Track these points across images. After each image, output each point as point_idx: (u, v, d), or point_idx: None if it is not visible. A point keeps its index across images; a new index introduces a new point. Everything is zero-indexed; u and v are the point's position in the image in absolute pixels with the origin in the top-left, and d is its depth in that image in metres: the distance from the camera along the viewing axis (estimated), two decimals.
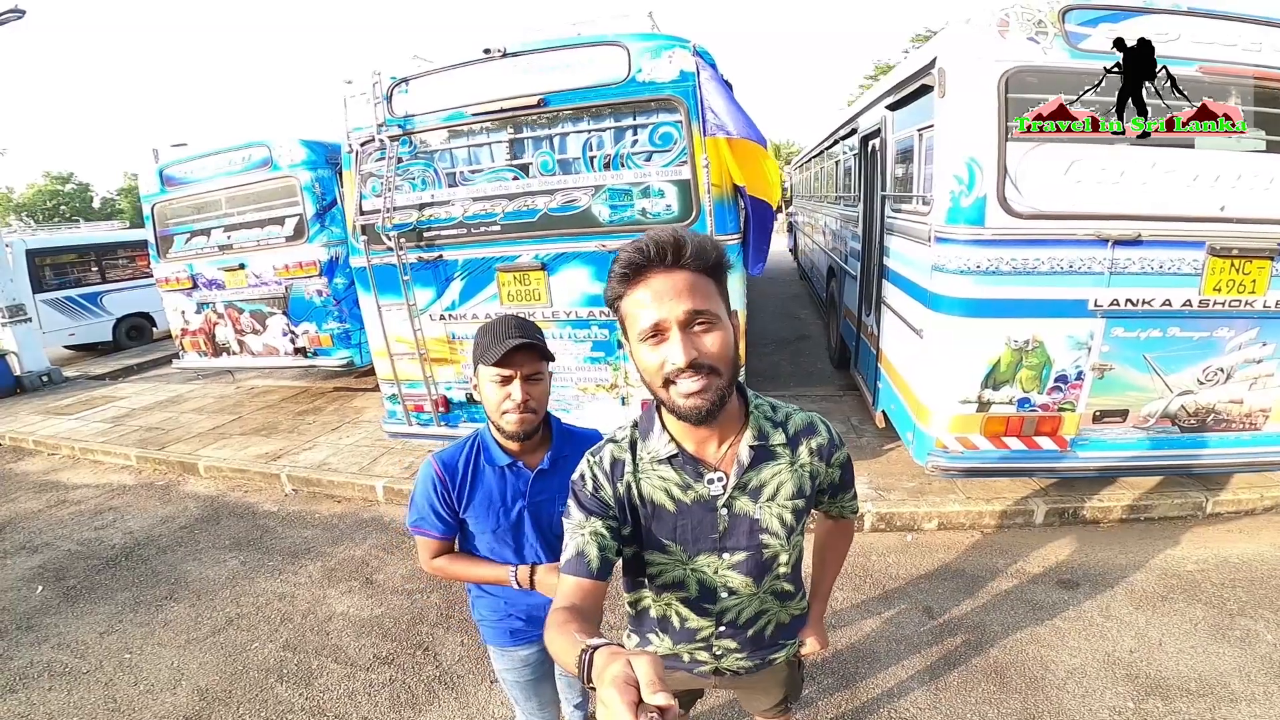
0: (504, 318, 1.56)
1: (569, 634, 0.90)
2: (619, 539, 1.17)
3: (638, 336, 1.01)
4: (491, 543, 1.68)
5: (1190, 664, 2.66)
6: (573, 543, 1.13)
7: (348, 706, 2.71)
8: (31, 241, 10.37)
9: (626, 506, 1.18)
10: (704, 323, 0.99)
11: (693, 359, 0.98)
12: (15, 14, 7.60)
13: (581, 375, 4.11)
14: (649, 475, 1.17)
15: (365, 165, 4.10)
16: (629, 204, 3.68)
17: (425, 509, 1.62)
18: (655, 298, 0.98)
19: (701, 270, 1.00)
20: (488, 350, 1.49)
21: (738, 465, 1.15)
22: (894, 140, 4.21)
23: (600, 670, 0.71)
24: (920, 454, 3.60)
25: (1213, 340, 3.21)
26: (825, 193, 8.45)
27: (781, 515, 1.19)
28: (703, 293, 1.00)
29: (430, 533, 1.64)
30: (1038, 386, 3.27)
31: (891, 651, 2.85)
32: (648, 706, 0.63)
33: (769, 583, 1.27)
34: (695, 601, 1.26)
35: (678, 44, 3.42)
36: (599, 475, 1.19)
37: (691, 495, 1.16)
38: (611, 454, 1.20)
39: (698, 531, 1.18)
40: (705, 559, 1.21)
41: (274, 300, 6.30)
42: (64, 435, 6.46)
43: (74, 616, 3.49)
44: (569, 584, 1.09)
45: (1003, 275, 3.06)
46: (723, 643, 1.32)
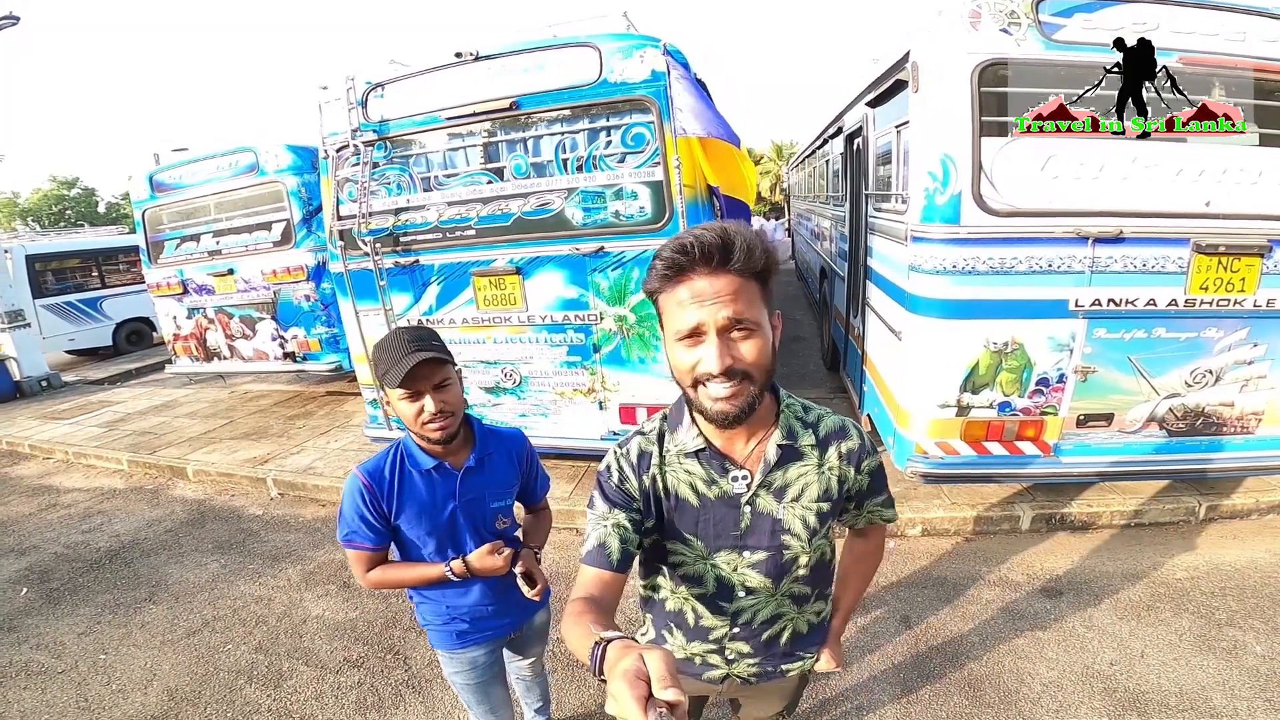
0: (395, 334, 1.55)
1: (584, 625, 0.90)
2: (641, 532, 1.17)
3: (674, 335, 0.99)
4: (430, 547, 1.69)
5: (1172, 677, 2.57)
6: (595, 534, 1.13)
7: (314, 708, 2.70)
8: (31, 247, 10.46)
9: (651, 499, 1.18)
10: (744, 330, 0.97)
11: (728, 366, 0.96)
12: (10, 20, 7.66)
13: (558, 380, 4.07)
14: (675, 468, 1.17)
15: (341, 170, 4.08)
16: (602, 206, 3.63)
17: (355, 521, 1.61)
18: (696, 299, 0.95)
19: (747, 275, 0.96)
20: (389, 372, 1.49)
21: (764, 464, 1.14)
22: (875, 138, 4.14)
23: (612, 663, 0.71)
24: (900, 459, 3.52)
25: (1200, 341, 3.10)
26: (817, 193, 8.37)
27: (805, 517, 1.18)
28: (746, 299, 0.96)
29: (363, 544, 1.63)
30: (1018, 390, 3.18)
31: (864, 663, 2.77)
32: (657, 701, 0.62)
33: (787, 585, 1.25)
34: (711, 599, 1.25)
35: (649, 43, 3.37)
36: (625, 467, 1.18)
37: (716, 491, 1.16)
38: (639, 446, 1.20)
39: (720, 527, 1.18)
40: (725, 556, 1.20)
41: (263, 305, 6.31)
42: (59, 440, 6.50)
43: (55, 618, 3.52)
44: (589, 575, 1.08)
45: (980, 275, 2.98)
46: (736, 645, 1.31)
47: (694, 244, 0.94)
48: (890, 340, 3.62)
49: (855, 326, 4.76)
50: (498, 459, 1.76)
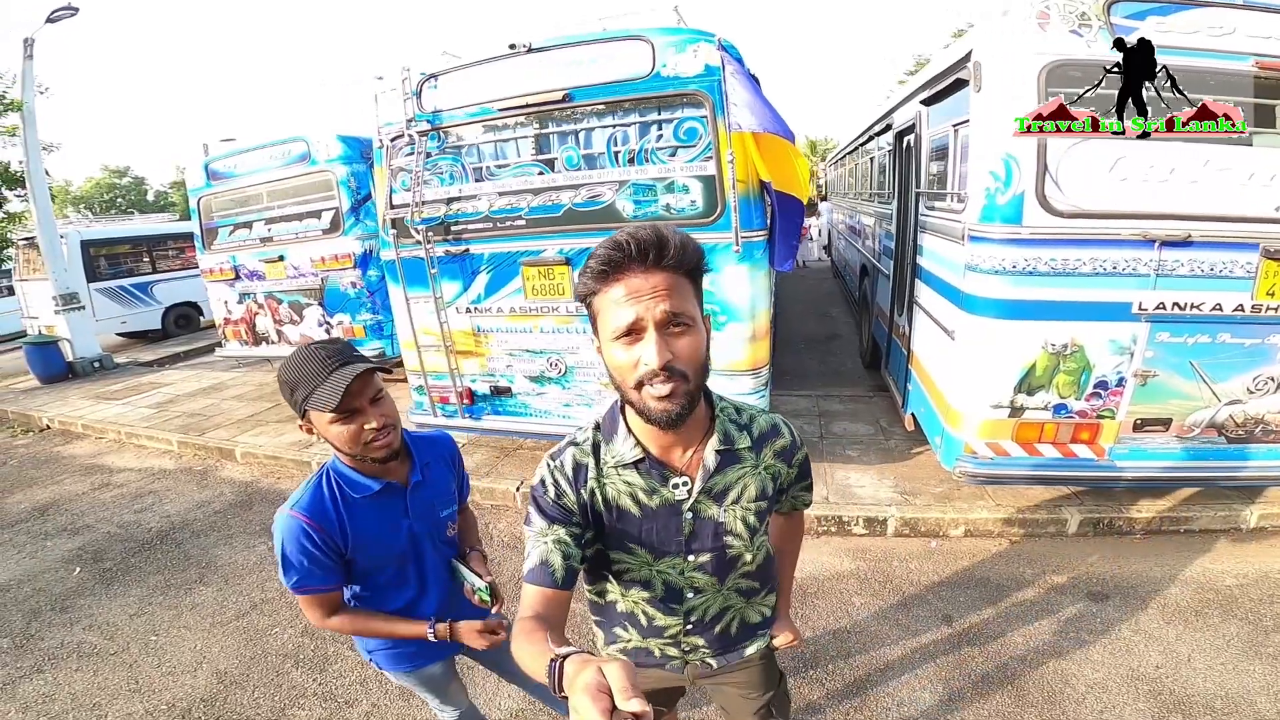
0: (305, 352, 1.39)
1: (537, 643, 0.89)
2: (582, 546, 1.15)
3: (611, 335, 0.98)
4: (389, 572, 1.60)
5: (1218, 681, 2.54)
6: (536, 551, 1.11)
7: (358, 693, 2.76)
8: (86, 233, 10.83)
9: (590, 512, 1.16)
10: (680, 326, 0.97)
11: (667, 361, 0.96)
12: (69, 11, 7.91)
13: (603, 371, 4.10)
14: (613, 480, 1.16)
15: (395, 160, 4.16)
16: (653, 199, 3.65)
17: (303, 565, 1.44)
18: (632, 296, 0.95)
19: (681, 271, 0.98)
20: (314, 394, 1.35)
21: (704, 470, 1.15)
22: (928, 136, 4.09)
23: (571, 678, 0.70)
24: (948, 459, 3.49)
25: (1265, 348, 3.02)
26: (859, 189, 8.28)
27: (745, 517, 1.20)
28: (681, 295, 0.97)
29: (317, 588, 1.47)
30: (1075, 392, 3.14)
31: (906, 659, 2.77)
32: (622, 714, 0.62)
33: (733, 580, 1.27)
34: (662, 601, 1.26)
35: (702, 38, 3.37)
36: (561, 481, 1.16)
37: (657, 500, 1.16)
38: (574, 458, 1.18)
39: (663, 535, 1.18)
40: (671, 560, 1.21)
41: (311, 291, 6.46)
42: (111, 420, 6.74)
43: (107, 598, 3.61)
44: (532, 593, 1.07)
45: (1040, 276, 2.94)
46: (690, 639, 1.33)
47: (629, 241, 0.94)
48: (941, 339, 3.59)
49: (899, 325, 4.72)
50: (436, 467, 1.68)
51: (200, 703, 2.76)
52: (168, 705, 2.76)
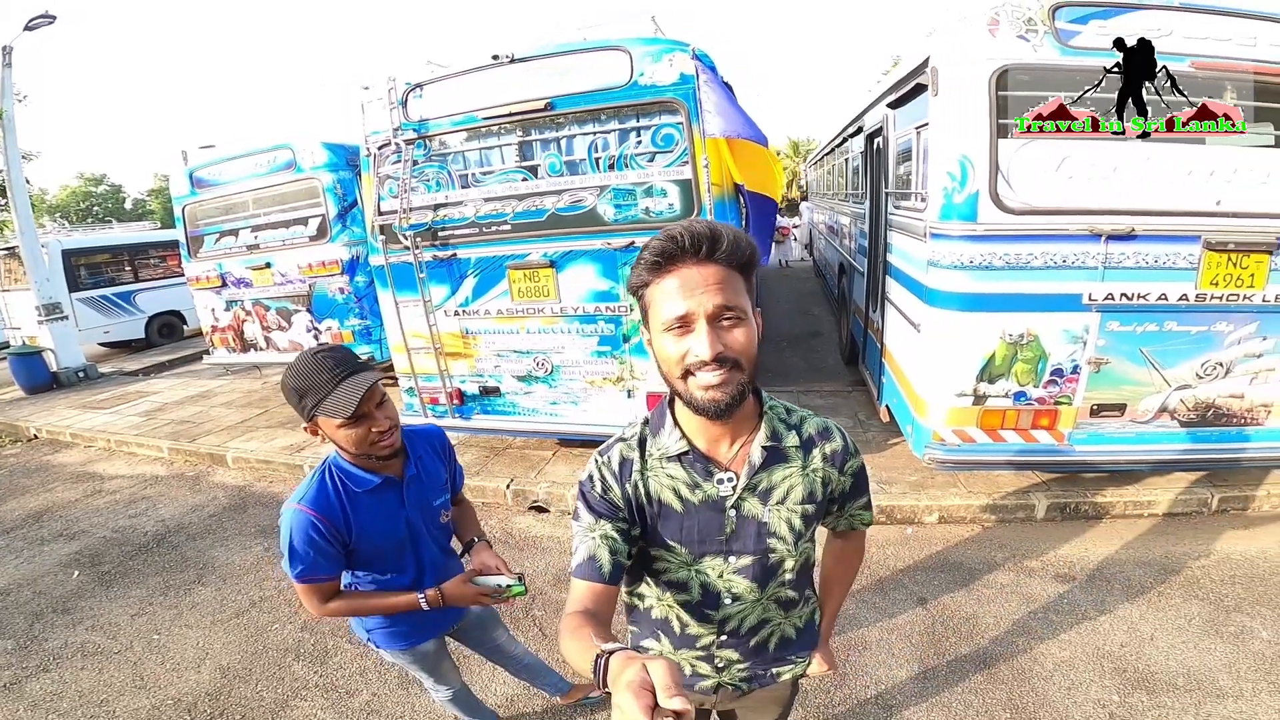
0: (311, 360, 1.46)
1: (584, 638, 0.89)
2: (629, 541, 1.14)
3: (662, 326, 0.99)
4: (389, 560, 1.70)
5: (1180, 659, 2.68)
6: (583, 546, 1.11)
7: (358, 684, 2.84)
8: (68, 242, 10.79)
9: (634, 506, 1.15)
10: (732, 318, 0.98)
11: (719, 353, 0.96)
12: (46, 19, 7.90)
13: (589, 369, 4.24)
14: (657, 473, 1.15)
15: (382, 168, 4.27)
16: (633, 203, 3.80)
17: (309, 556, 1.52)
18: (685, 289, 0.96)
19: (733, 266, 0.99)
20: (324, 402, 1.43)
21: (749, 466, 1.13)
22: (895, 138, 4.27)
23: (616, 675, 0.70)
24: (918, 447, 3.66)
25: (1211, 335, 3.22)
26: (836, 190, 8.48)
27: (790, 520, 1.16)
28: (733, 288, 0.98)
29: (321, 577, 1.56)
30: (1033, 380, 3.31)
31: (881, 640, 2.91)
32: (663, 711, 0.62)
33: (773, 589, 1.23)
34: (697, 606, 1.23)
35: (677, 48, 3.53)
36: (607, 476, 1.16)
37: (700, 495, 1.14)
38: (620, 453, 1.18)
39: (704, 533, 1.16)
40: (710, 561, 1.18)
41: (298, 298, 6.51)
42: (99, 428, 6.75)
43: (108, 600, 3.66)
44: (580, 589, 1.07)
45: (996, 270, 3.12)
46: (725, 653, 1.28)
47: (683, 234, 0.95)
48: (909, 332, 3.77)
49: (874, 320, 4.90)
50: (428, 459, 1.77)
51: (205, 697, 2.84)
52: (173, 700, 2.83)
